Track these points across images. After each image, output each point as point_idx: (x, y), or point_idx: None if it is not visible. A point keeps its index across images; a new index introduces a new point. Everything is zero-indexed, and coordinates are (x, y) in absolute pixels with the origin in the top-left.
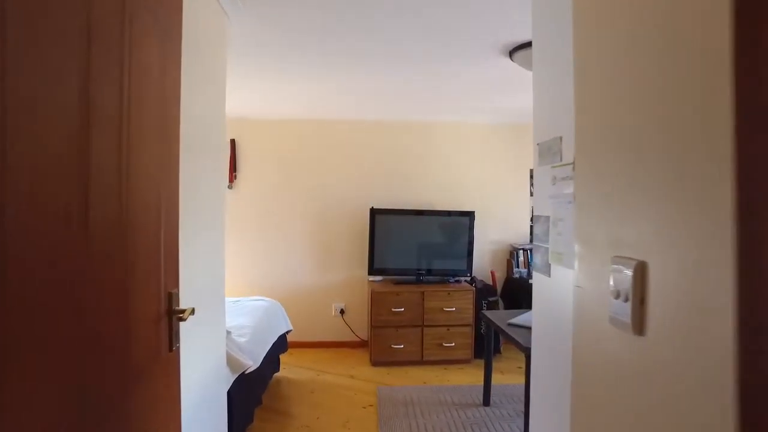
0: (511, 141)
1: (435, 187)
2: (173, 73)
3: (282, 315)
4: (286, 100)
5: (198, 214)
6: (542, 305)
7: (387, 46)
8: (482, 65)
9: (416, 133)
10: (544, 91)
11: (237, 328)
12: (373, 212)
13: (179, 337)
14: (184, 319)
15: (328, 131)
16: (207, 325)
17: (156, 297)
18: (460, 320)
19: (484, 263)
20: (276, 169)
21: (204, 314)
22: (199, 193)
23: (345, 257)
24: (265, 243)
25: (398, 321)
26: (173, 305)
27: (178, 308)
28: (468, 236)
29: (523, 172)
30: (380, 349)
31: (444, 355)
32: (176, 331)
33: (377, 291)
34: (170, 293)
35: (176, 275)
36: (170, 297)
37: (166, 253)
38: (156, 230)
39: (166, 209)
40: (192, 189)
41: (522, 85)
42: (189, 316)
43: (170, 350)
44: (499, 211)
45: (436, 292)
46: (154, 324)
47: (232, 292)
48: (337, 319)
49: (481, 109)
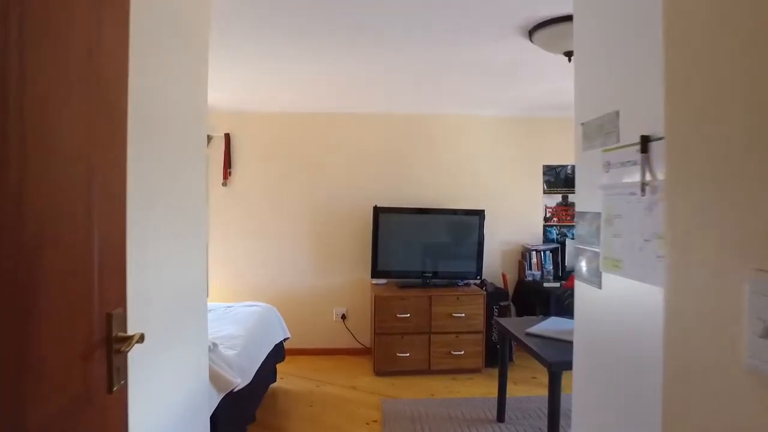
0: (523, 135)
1: (442, 184)
2: (115, 44)
3: (278, 322)
4: (283, 91)
5: (171, 215)
6: (589, 322)
7: (387, 24)
8: (496, 47)
9: (422, 126)
10: (593, 60)
11: (226, 339)
12: (377, 211)
13: (126, 371)
14: (124, 350)
15: (328, 125)
16: (183, 344)
17: (84, 322)
18: (469, 327)
19: (495, 265)
20: (273, 166)
21: (178, 332)
22: (172, 191)
23: (346, 259)
24: (262, 244)
25: (403, 327)
26: (114, 330)
27: (122, 335)
28: (477, 236)
29: (536, 168)
30: (384, 357)
31: (453, 364)
32: (120, 364)
33: (381, 295)
34: (109, 315)
35: (121, 291)
36: (109, 320)
37: (104, 264)
38: (85, 238)
39: (106, 211)
40: (161, 186)
41: (539, 70)
42: (135, 344)
43: (110, 391)
44: (510, 210)
45: (444, 296)
46: (80, 360)
47: (225, 297)
48: (338, 325)
49: (491, 100)
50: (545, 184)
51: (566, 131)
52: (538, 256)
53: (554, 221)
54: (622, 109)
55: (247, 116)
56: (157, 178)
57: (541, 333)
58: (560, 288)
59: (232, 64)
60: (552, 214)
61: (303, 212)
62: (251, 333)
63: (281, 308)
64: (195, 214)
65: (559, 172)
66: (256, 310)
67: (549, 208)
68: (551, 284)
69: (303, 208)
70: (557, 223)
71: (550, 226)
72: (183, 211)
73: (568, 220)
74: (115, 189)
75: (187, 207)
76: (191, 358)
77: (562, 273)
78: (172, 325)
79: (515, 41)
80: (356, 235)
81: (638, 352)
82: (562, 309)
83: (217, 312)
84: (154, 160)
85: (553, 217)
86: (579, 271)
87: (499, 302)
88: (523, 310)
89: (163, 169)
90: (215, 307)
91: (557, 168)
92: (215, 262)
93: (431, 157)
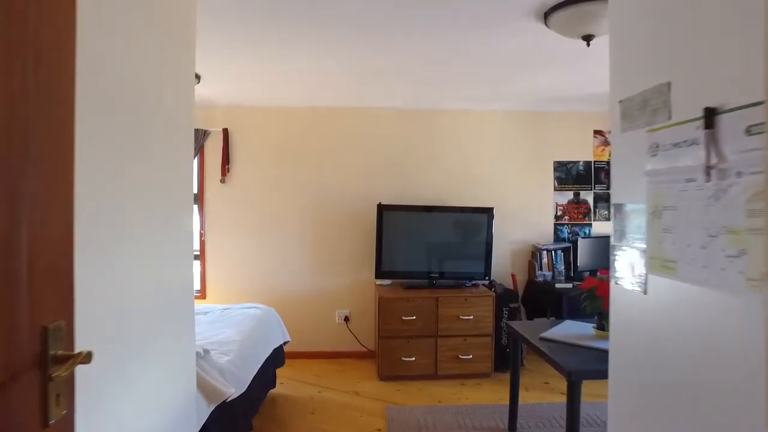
0: (533, 130)
1: (449, 180)
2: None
3: (278, 324)
4: (284, 84)
5: (145, 206)
6: (629, 332)
7: (389, 13)
8: (506, 33)
9: (428, 121)
10: (634, 29)
11: (221, 344)
12: (381, 209)
13: (72, 397)
14: (61, 374)
15: (330, 120)
16: (163, 354)
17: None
18: (478, 329)
19: (504, 265)
20: (274, 162)
21: (157, 341)
22: (147, 177)
23: (349, 258)
24: (261, 242)
25: (409, 330)
26: (53, 348)
27: (64, 353)
28: (486, 235)
29: (546, 164)
30: (389, 361)
31: (461, 368)
32: (62, 389)
33: (386, 297)
34: (45, 329)
35: (64, 299)
36: (45, 335)
37: (38, 266)
38: (4, 235)
39: (42, 201)
40: (131, 171)
41: (552, 58)
42: (93, 362)
43: (45, 425)
44: (520, 208)
45: (452, 297)
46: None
47: (223, 298)
48: (341, 327)
49: (500, 93)
50: (556, 181)
51: (578, 125)
52: (549, 255)
53: (565, 219)
54: (675, 80)
55: (247, 111)
56: (125, 161)
57: (556, 338)
58: (573, 289)
59: (229, 52)
60: (563, 212)
61: (304, 210)
62: (248, 337)
63: (281, 310)
64: (177, 206)
65: (571, 168)
66: (255, 312)
67: (560, 205)
68: (563, 285)
69: (304, 206)
70: (569, 221)
71: (561, 224)
72: (162, 202)
73: (580, 218)
74: (57, 173)
75: (167, 197)
76: (174, 370)
77: (575, 273)
78: (150, 333)
79: (528, 25)
80: (360, 234)
81: (698, 372)
82: (576, 311)
83: (213, 314)
84: (125, 148)
85: (565, 215)
86: (615, 273)
87: (508, 304)
88: (533, 312)
89: (136, 151)
90: (211, 309)
91: (568, 164)
92: (212, 261)
93: (437, 153)
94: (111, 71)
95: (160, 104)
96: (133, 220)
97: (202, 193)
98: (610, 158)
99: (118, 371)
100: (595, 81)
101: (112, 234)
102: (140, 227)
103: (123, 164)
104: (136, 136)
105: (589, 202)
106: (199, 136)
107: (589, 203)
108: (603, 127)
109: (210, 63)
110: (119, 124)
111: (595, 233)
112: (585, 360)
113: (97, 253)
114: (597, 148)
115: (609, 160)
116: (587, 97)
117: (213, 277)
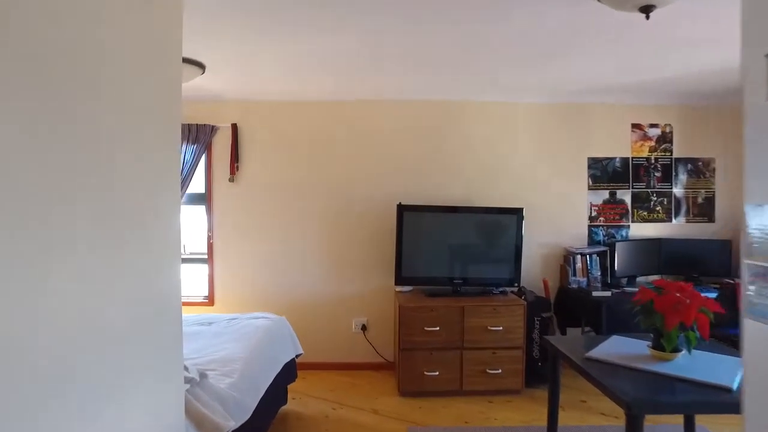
0: (566, 124)
1: (474, 179)
2: None
3: (290, 336)
4: (297, 76)
5: (106, 205)
6: None
7: None
8: (545, 9)
9: (452, 115)
10: None
11: (223, 362)
12: (401, 209)
13: None
14: None
15: (347, 114)
16: (137, 390)
17: None
18: (508, 341)
19: (533, 270)
20: (286, 159)
21: (127, 374)
22: (113, 169)
23: (367, 263)
24: (272, 246)
25: (432, 342)
26: None
27: None
28: (515, 238)
29: (580, 161)
30: (410, 376)
31: (489, 384)
32: None
33: (406, 305)
34: None
35: None
36: None
37: None
38: None
39: None
40: (84, 160)
41: (598, 36)
42: None
43: None
44: (551, 208)
45: (479, 306)
46: None
47: (231, 306)
48: (358, 337)
49: (531, 84)
50: (590, 179)
51: (614, 119)
52: (584, 260)
53: (600, 221)
54: None
55: (257, 105)
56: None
57: (605, 358)
58: (613, 297)
59: (238, 38)
60: (598, 213)
61: (319, 210)
62: (255, 353)
63: (294, 317)
64: (155, 203)
65: (606, 165)
66: (264, 323)
67: (594, 206)
68: (601, 293)
69: (318, 206)
70: (604, 222)
71: (596, 226)
72: (133, 201)
73: (617, 219)
74: None
75: (142, 191)
76: (153, 406)
77: (612, 280)
78: (114, 368)
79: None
80: (378, 237)
81: None
82: (617, 324)
83: (218, 325)
84: (76, 133)
85: (600, 216)
86: (748, 299)
87: (540, 313)
88: (565, 321)
89: (92, 136)
90: (216, 319)
91: (604, 160)
92: (221, 265)
93: (462, 150)
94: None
95: (139, 71)
96: (89, 227)
97: (210, 193)
98: (650, 154)
99: (79, 418)
100: (636, 68)
101: (46, 240)
102: (100, 238)
103: (74, 153)
104: (112, 136)
105: (627, 202)
106: (206, 132)
107: (626, 203)
108: (642, 121)
109: (217, 52)
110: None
111: (633, 236)
112: (643, 386)
113: (20, 266)
114: (635, 143)
115: (648, 156)
116: (625, 87)
117: (221, 283)
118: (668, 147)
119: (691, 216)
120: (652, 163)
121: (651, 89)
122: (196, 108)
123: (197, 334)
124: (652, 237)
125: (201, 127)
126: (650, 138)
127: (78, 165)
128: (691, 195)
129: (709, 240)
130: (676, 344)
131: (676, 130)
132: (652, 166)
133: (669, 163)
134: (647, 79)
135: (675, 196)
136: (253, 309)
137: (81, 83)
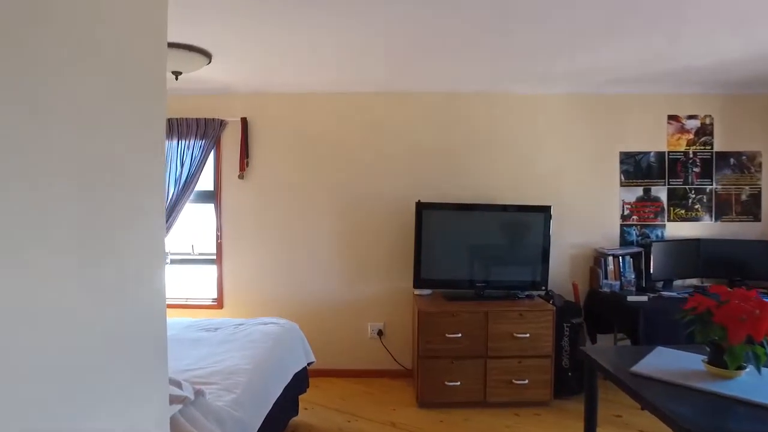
0: (596, 116)
1: (498, 175)
2: None
3: (301, 343)
4: (310, 66)
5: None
6: None
7: None
8: None
9: (474, 108)
10: None
11: (226, 375)
12: (420, 207)
13: None
14: None
15: (362, 107)
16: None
17: None
18: (535, 350)
19: (561, 273)
20: (298, 155)
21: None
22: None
23: (384, 264)
24: (284, 246)
25: (454, 350)
26: None
27: None
28: (542, 238)
29: (611, 156)
30: (430, 386)
31: (514, 395)
32: None
33: (426, 310)
34: None
35: None
36: None
37: None
38: None
39: None
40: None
41: (638, 14)
42: None
43: None
44: (580, 206)
45: (504, 311)
46: None
47: (239, 311)
48: (374, 343)
49: (560, 72)
50: (622, 175)
51: (649, 110)
52: (616, 262)
53: (633, 219)
54: None
55: (268, 98)
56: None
57: (653, 374)
58: (651, 303)
59: (249, 23)
60: (631, 211)
61: (333, 209)
62: (262, 363)
63: (306, 321)
64: (141, 208)
65: (640, 161)
66: (273, 330)
67: (627, 203)
68: (636, 298)
69: (333, 204)
70: (637, 221)
71: (629, 225)
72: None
73: (651, 218)
74: None
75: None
76: None
77: (647, 284)
78: (69, 396)
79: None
80: (396, 237)
81: None
82: (658, 333)
83: (225, 331)
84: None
85: (633, 215)
86: None
87: (570, 319)
88: (596, 327)
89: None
90: (223, 324)
91: (637, 155)
92: (229, 267)
93: (485, 144)
94: None
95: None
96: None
97: (219, 190)
98: (688, 148)
99: None
100: (677, 53)
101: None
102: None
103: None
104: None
105: (662, 199)
106: (215, 126)
107: (662, 201)
108: (679, 112)
109: (224, 39)
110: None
111: (670, 236)
112: (704, 410)
113: None
114: (672, 137)
115: (686, 150)
116: (661, 76)
117: (230, 285)
118: (708, 140)
119: (733, 214)
120: (690, 158)
121: (691, 77)
122: (204, 101)
123: (202, 341)
124: (690, 237)
125: (209, 122)
126: (688, 130)
127: (52, 160)
128: (733, 192)
129: (755, 241)
130: (742, 361)
131: (717, 121)
132: (690, 160)
133: (709, 157)
134: (688, 65)
135: (716, 193)
136: (263, 311)
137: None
